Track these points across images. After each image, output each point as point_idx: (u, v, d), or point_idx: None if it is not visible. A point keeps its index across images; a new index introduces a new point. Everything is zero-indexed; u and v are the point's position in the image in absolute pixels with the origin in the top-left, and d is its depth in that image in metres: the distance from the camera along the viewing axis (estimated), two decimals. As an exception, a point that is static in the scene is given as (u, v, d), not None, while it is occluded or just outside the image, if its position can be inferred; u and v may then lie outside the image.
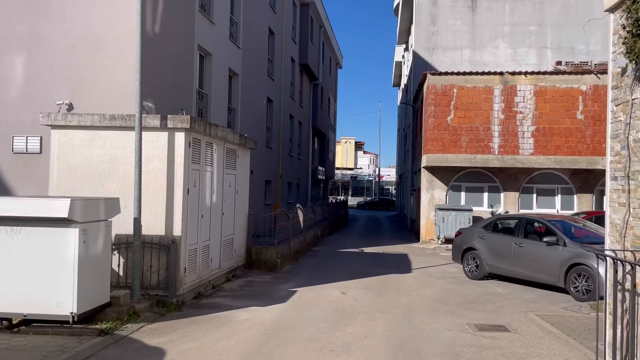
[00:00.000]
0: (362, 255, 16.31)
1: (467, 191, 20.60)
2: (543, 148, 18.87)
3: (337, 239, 21.97)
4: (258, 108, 22.61)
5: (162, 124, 8.52)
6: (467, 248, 12.21)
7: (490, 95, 19.22)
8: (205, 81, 17.05)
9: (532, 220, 11.39)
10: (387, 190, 78.95)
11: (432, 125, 19.37)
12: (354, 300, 9.40)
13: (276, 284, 10.93)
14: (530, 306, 9.17)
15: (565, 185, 20.10)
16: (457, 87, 19.36)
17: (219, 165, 10.29)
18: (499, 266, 11.38)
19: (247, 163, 12.42)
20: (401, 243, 20.60)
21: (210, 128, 9.49)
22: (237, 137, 11.14)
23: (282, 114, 26.57)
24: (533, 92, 19.03)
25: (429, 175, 20.64)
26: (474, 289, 10.83)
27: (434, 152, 19.28)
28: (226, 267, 10.98)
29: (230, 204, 11.12)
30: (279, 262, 12.39)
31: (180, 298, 8.62)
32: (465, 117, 19.26)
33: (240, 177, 11.73)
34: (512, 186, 20.28)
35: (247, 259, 12.43)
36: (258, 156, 22.68)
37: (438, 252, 17.50)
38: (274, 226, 12.99)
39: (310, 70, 32.74)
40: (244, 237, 12.24)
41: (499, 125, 19.13)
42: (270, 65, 24.78)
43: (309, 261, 14.58)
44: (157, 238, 8.54)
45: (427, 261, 15.19)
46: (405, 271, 13.15)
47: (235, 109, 19.85)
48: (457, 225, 19.15)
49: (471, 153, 19.16)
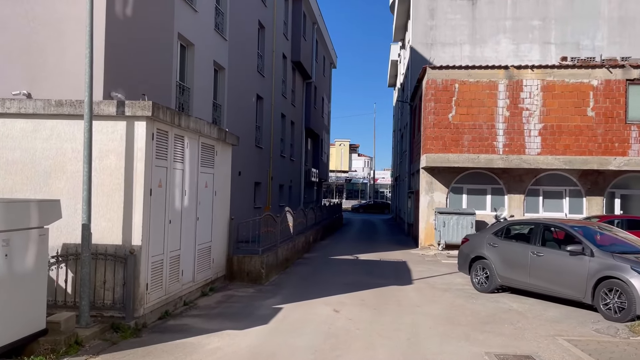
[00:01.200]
0: (357, 263, 14.93)
1: (469, 193, 19.28)
2: (551, 147, 17.59)
3: (330, 244, 20.58)
4: (247, 105, 21.22)
5: (118, 111, 7.10)
6: (476, 257, 10.85)
7: (495, 91, 17.93)
8: (187, 74, 15.65)
9: (551, 225, 10.03)
10: (382, 194, 77.80)
11: (432, 122, 18.05)
12: (349, 321, 8.00)
13: (259, 298, 9.51)
14: (556, 328, 7.81)
15: (574, 187, 18.82)
16: (458, 82, 18.05)
17: (192, 162, 8.88)
18: (512, 278, 10.01)
19: (228, 161, 11.02)
20: (399, 249, 19.24)
21: (179, 118, 8.08)
22: (214, 130, 9.74)
23: (273, 113, 25.19)
24: (540, 87, 17.75)
25: (428, 176, 19.30)
26: (485, 304, 9.47)
27: (434, 151, 17.95)
28: (202, 279, 9.55)
29: (207, 208, 9.71)
30: (264, 272, 10.98)
31: (140, 320, 7.19)
32: (468, 114, 17.96)
33: (219, 177, 10.33)
34: (517, 188, 18.98)
35: (228, 269, 11.01)
36: (247, 156, 21.28)
37: (439, 260, 16.15)
38: (259, 232, 11.57)
39: (303, 68, 31.40)
40: (224, 244, 10.83)
41: (503, 122, 17.83)
42: (260, 61, 23.41)
43: (299, 270, 13.18)
44: (112, 248, 7.12)
45: (429, 270, 13.83)
46: (405, 282, 11.77)
47: (221, 105, 18.46)
48: (459, 230, 17.82)
49: (474, 153, 17.84)
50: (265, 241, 11.85)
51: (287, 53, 28.59)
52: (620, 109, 17.30)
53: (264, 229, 11.74)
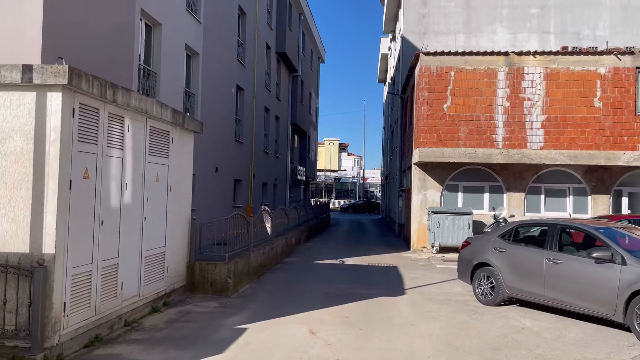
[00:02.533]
0: (343, 269, 13.33)
1: (466, 191, 17.77)
2: (555, 141, 16.12)
3: (315, 246, 18.97)
4: (225, 96, 19.53)
5: (24, 78, 5.43)
6: (479, 264, 9.29)
7: (494, 79, 16.43)
8: (153, 57, 13.96)
9: (570, 226, 8.48)
10: (371, 193, 76.45)
11: (426, 113, 16.50)
12: (327, 347, 6.39)
13: (221, 316, 7.87)
14: (587, 356, 6.26)
15: (578, 184, 17.39)
16: (454, 70, 16.53)
17: (136, 149, 7.22)
18: (524, 289, 8.46)
19: (189, 151, 9.36)
20: (389, 252, 17.68)
21: (115, 92, 6.42)
22: (168, 112, 8.07)
23: (255, 105, 23.51)
24: (543, 75, 16.28)
25: (421, 173, 17.76)
26: (493, 321, 7.91)
27: (427, 145, 16.41)
28: (152, 292, 7.89)
29: (159, 205, 8.05)
30: (231, 282, 9.33)
31: (53, 351, 5.52)
32: (465, 104, 16.44)
33: (176, 169, 8.67)
34: (516, 186, 17.51)
35: (189, 278, 9.35)
36: (226, 151, 19.59)
37: (433, 264, 14.60)
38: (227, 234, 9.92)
39: (288, 60, 29.76)
40: (183, 249, 9.17)
41: (503, 114, 16.33)
42: (241, 49, 21.73)
43: (276, 278, 11.54)
44: (15, 257, 5.45)
45: (422, 276, 12.28)
46: (396, 292, 10.19)
47: (195, 94, 16.78)
48: (455, 232, 16.31)
49: (471, 147, 16.33)
50: (234, 245, 10.20)
51: (271, 43, 26.93)
52: (629, 99, 15.88)
53: (232, 231, 10.09)
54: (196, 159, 17.39)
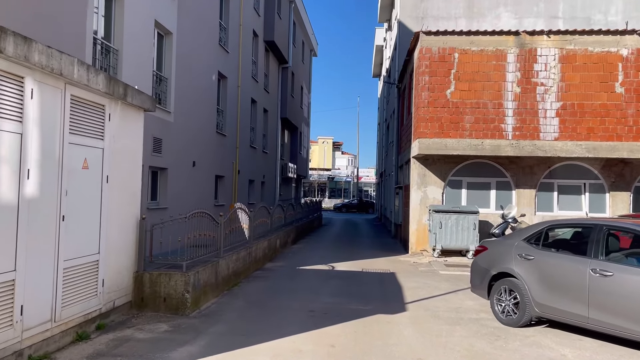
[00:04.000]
0: (333, 277, 11.48)
1: (470, 188, 15.98)
2: (571, 131, 14.35)
3: (303, 249, 17.12)
4: (205, 83, 17.64)
5: None
6: (500, 274, 7.47)
7: (503, 62, 14.63)
8: (114, 32, 12.05)
9: (621, 228, 6.62)
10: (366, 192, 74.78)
11: (427, 100, 14.68)
12: (303, 399, 4.55)
13: (168, 346, 6.00)
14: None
15: (595, 180, 15.64)
16: (459, 51, 14.72)
17: (47, 124, 5.34)
18: (559, 308, 6.63)
19: (137, 134, 7.47)
20: (385, 255, 15.86)
21: (3, 39, 4.54)
22: (100, 79, 6.18)
23: (239, 96, 21.61)
24: (558, 57, 14.50)
25: (420, 167, 15.94)
26: (523, 351, 6.09)
27: (428, 135, 14.58)
28: (76, 315, 6.00)
29: (88, 201, 6.17)
30: (189, 297, 7.44)
31: None
32: (470, 90, 14.64)
33: (118, 156, 6.80)
34: (527, 182, 15.74)
35: (137, 293, 7.46)
36: (205, 143, 17.69)
37: (436, 270, 12.79)
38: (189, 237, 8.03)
39: (278, 51, 27.90)
40: (128, 257, 7.28)
41: (513, 101, 14.55)
42: (224, 34, 19.85)
43: (251, 290, 9.68)
44: None
45: (425, 285, 10.46)
46: (395, 307, 8.36)
47: (167, 78, 14.88)
48: (459, 232, 14.51)
49: (477, 137, 14.53)
50: (199, 250, 8.32)
51: (258, 31, 25.05)
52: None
53: (197, 233, 8.20)
54: (169, 151, 15.57)
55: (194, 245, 8.16)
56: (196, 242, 8.30)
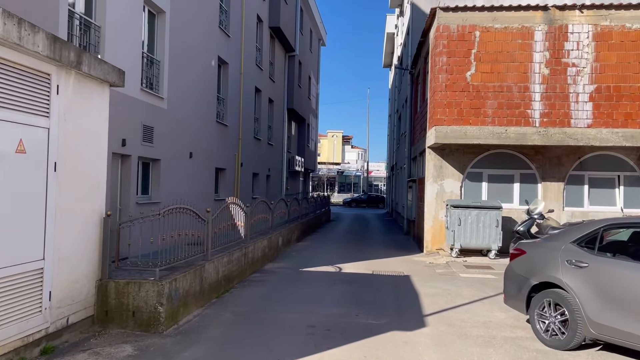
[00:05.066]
0: (339, 281, 10.14)
1: (491, 181, 14.54)
2: (607, 117, 12.85)
3: (309, 247, 15.81)
4: (203, 69, 16.32)
5: None
6: (543, 284, 6.09)
7: (529, 41, 13.15)
8: (96, 5, 10.78)
9: None
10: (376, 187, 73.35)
11: (444, 84, 13.25)
12: None
13: (126, 377, 4.72)
14: None
15: (631, 172, 14.12)
16: (480, 29, 13.26)
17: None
18: (622, 329, 5.24)
19: (100, 114, 6.15)
20: (397, 254, 14.50)
21: None
22: (39, 38, 4.86)
23: (242, 83, 20.28)
24: (592, 35, 12.99)
25: (437, 158, 14.53)
26: (581, 388, 4.74)
27: (446, 122, 13.16)
28: (9, 338, 4.73)
29: (26, 194, 4.89)
30: (163, 310, 6.14)
31: None
32: (493, 72, 13.18)
33: (71, 139, 5.50)
34: (554, 174, 14.27)
35: (101, 305, 6.18)
36: (203, 133, 16.38)
37: (455, 272, 11.41)
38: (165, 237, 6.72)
39: (284, 38, 26.51)
40: (89, 262, 6.00)
41: (541, 83, 13.07)
42: (225, 17, 18.51)
43: (244, 297, 8.37)
44: None
45: (445, 292, 9.10)
46: (413, 322, 7.01)
47: (160, 61, 13.59)
48: (480, 230, 13.10)
49: (501, 125, 13.08)
50: (179, 253, 7.02)
51: (263, 16, 23.67)
52: None
53: (172, 233, 6.88)
54: (162, 140, 14.26)
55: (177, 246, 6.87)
56: (180, 242, 7.01)
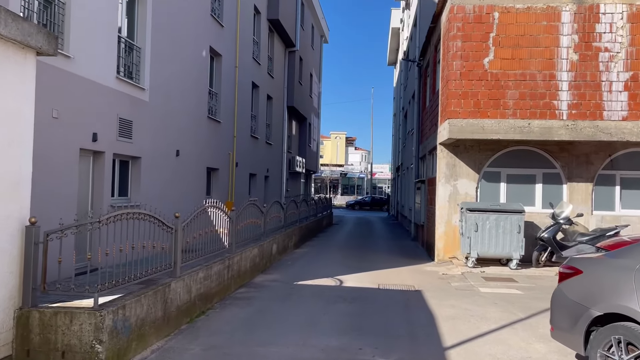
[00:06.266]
0: (339, 298, 8.62)
1: (510, 181, 13.01)
2: (644, 108, 11.32)
3: (307, 254, 14.30)
4: (192, 59, 14.83)
5: None
6: (609, 315, 4.57)
7: (556, 23, 11.63)
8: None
9: None
10: (380, 189, 71.75)
11: (459, 72, 11.74)
12: None
13: None
14: None
15: (669, 172, 12.58)
16: (499, 10, 11.75)
17: None
18: None
19: (20, 90, 4.67)
20: (405, 263, 12.97)
21: None
22: None
23: (237, 77, 18.80)
24: (627, 16, 11.46)
25: (450, 156, 13.01)
26: None
27: (461, 115, 11.65)
28: None
29: None
30: (102, 350, 4.64)
31: None
32: (514, 58, 11.67)
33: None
34: (581, 173, 12.73)
35: (21, 342, 4.67)
36: (193, 130, 14.86)
37: (474, 286, 9.87)
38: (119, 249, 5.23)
39: (284, 32, 25.06)
40: (3, 286, 4.51)
41: (569, 71, 11.54)
42: (218, 4, 17.05)
43: (221, 322, 6.86)
44: None
45: (465, 313, 7.57)
46: (430, 358, 5.50)
47: (140, 48, 12.10)
48: (500, 236, 11.56)
49: (523, 117, 11.56)
50: (131, 270, 5.52)
51: (261, 7, 22.21)
52: None
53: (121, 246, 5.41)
54: (142, 136, 12.69)
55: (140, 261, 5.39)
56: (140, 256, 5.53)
